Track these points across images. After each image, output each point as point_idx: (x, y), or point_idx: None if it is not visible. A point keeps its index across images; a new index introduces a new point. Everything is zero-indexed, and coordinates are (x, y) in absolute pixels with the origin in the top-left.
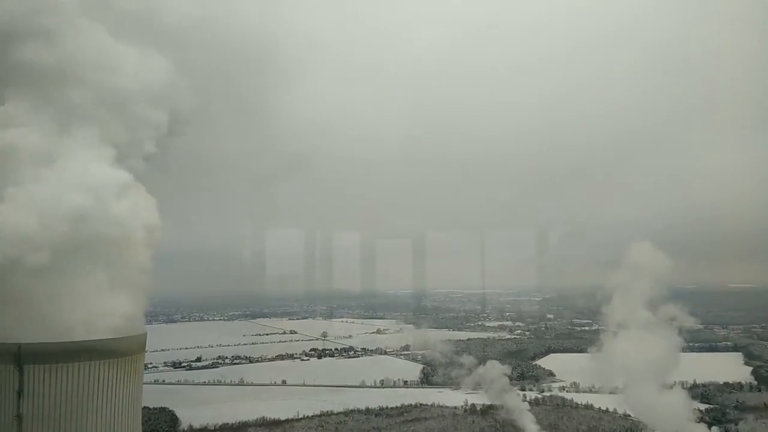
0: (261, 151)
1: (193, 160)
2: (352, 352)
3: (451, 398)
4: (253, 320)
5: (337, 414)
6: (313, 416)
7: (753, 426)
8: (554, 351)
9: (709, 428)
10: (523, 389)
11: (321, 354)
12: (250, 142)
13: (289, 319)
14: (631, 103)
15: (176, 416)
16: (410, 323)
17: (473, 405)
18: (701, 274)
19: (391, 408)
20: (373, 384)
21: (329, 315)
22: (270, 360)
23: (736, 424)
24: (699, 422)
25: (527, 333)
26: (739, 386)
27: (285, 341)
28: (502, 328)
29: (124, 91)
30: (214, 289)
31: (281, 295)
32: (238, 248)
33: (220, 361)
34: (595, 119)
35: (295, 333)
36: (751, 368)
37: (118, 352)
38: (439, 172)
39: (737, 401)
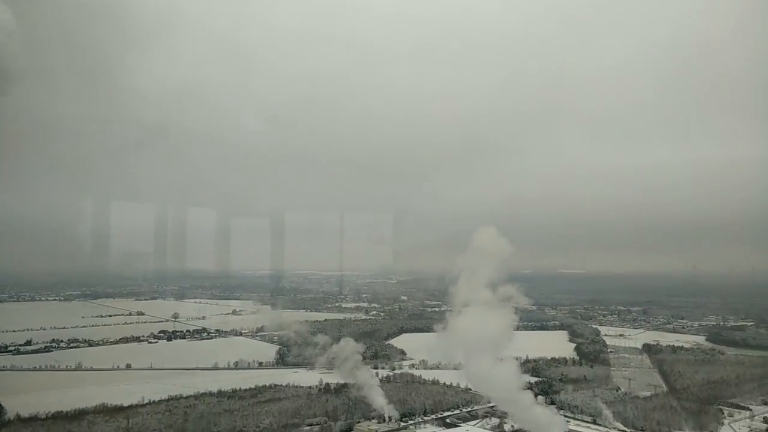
0: (110, 118)
1: (28, 124)
2: (205, 333)
3: (306, 378)
4: (94, 301)
5: (187, 398)
6: (161, 401)
7: (573, 396)
8: (406, 331)
9: (536, 397)
10: (375, 368)
11: (171, 336)
12: (98, 108)
13: (137, 300)
14: (494, 103)
15: (1, 405)
16: (267, 304)
17: (327, 384)
18: (537, 260)
19: (245, 390)
20: (226, 366)
21: (181, 295)
22: (113, 343)
23: (559, 394)
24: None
25: (382, 314)
26: (564, 361)
27: (131, 323)
28: (358, 309)
29: None
30: (49, 266)
31: (128, 274)
32: (78, 222)
33: (53, 344)
34: (462, 114)
35: (143, 314)
36: (574, 345)
37: None
38: (301, 152)
39: (562, 374)
